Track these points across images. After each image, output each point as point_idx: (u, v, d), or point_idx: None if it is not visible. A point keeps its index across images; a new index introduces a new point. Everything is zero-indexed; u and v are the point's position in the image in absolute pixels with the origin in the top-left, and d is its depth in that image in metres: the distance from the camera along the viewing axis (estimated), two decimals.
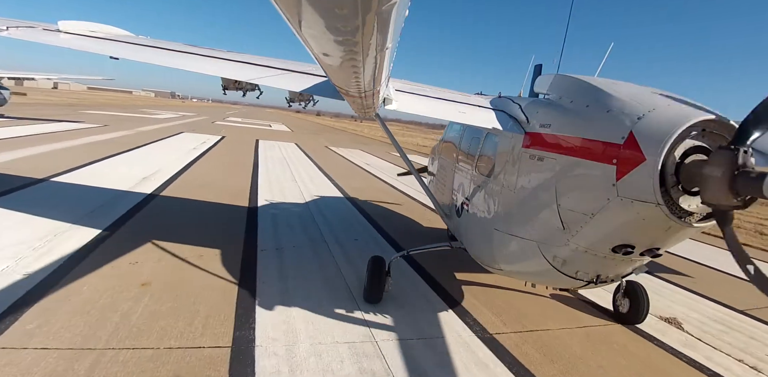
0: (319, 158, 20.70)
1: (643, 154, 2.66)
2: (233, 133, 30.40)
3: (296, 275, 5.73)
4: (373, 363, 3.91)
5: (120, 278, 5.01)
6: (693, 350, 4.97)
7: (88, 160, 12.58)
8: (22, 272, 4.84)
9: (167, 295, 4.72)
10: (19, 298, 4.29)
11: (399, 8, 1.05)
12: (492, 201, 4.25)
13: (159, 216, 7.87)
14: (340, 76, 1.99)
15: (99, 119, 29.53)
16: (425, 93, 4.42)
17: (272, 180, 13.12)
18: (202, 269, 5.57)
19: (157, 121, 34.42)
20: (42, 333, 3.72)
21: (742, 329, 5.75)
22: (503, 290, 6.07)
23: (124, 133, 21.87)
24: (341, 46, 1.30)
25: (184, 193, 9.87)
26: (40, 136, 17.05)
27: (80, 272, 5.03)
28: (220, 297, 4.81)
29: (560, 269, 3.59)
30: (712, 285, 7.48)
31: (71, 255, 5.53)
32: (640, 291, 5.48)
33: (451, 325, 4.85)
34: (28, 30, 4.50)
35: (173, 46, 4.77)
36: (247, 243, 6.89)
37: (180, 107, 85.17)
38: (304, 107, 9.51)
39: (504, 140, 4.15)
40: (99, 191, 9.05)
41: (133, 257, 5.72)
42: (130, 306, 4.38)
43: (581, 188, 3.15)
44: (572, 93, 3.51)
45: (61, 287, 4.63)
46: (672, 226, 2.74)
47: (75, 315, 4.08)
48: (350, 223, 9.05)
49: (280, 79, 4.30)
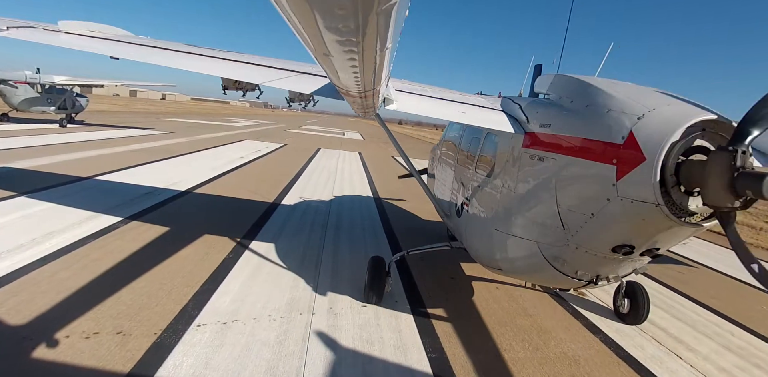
0: (376, 170, 18.44)
1: (643, 154, 2.66)
2: (298, 140, 30.18)
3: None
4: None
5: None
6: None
7: (115, 167, 11.92)
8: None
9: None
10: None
11: (399, 8, 1.05)
12: (492, 201, 4.25)
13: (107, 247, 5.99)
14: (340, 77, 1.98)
15: (172, 126, 30.12)
16: (425, 93, 4.42)
17: (301, 201, 10.61)
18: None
19: (230, 128, 34.98)
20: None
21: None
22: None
23: (184, 140, 21.88)
24: (341, 46, 1.30)
25: (170, 217, 7.76)
26: (102, 141, 17.78)
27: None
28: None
29: (560, 269, 3.59)
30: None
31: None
32: (640, 291, 5.48)
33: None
34: (28, 30, 4.51)
35: (173, 46, 4.77)
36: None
37: (267, 115, 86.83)
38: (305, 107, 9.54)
39: (504, 140, 4.15)
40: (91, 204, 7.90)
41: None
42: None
43: (581, 188, 3.15)
44: (572, 93, 3.51)
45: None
46: (672, 226, 2.74)
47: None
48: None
49: (281, 79, 4.30)
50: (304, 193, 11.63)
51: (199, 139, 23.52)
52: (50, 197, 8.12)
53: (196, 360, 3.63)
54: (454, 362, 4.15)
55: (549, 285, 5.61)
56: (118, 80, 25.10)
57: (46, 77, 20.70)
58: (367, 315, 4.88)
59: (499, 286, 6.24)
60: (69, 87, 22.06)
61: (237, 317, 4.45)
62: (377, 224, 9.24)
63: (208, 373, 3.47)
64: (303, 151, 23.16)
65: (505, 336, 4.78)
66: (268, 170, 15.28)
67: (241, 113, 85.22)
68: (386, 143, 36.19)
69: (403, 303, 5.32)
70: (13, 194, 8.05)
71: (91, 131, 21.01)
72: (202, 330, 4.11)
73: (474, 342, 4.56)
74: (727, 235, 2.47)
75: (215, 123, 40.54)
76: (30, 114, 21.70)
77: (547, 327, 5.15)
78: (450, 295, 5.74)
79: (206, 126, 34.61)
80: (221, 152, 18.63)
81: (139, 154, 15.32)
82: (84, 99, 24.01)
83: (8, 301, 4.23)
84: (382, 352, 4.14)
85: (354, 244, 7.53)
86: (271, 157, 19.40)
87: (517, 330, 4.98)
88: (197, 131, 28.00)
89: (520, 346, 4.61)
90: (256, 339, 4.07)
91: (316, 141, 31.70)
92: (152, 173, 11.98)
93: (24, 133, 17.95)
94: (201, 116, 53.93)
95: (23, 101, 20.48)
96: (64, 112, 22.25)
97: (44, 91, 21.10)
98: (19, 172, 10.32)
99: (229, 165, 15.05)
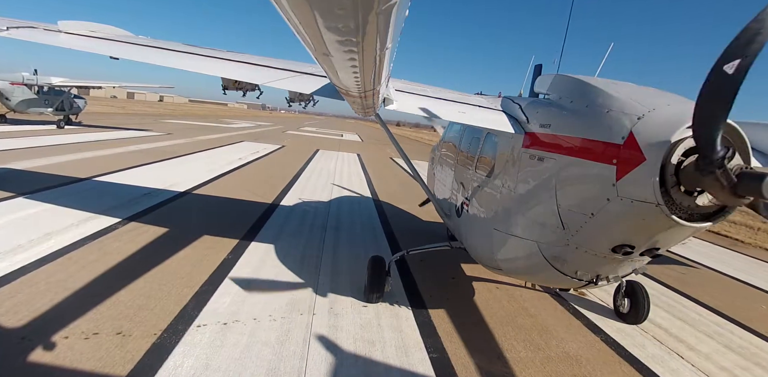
0: (374, 172, 18.24)
1: (643, 154, 2.65)
2: (296, 142, 30.01)
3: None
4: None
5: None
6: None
7: (113, 168, 11.91)
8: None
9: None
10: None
11: (399, 8, 1.05)
12: (492, 201, 4.25)
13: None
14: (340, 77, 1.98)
15: (170, 127, 29.98)
16: (425, 93, 4.42)
17: (300, 202, 10.55)
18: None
19: (227, 130, 34.84)
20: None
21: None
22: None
23: (182, 141, 21.79)
24: (341, 46, 1.30)
25: (169, 218, 7.74)
26: (100, 142, 17.75)
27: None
28: None
29: (560, 269, 3.59)
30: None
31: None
32: (641, 290, 5.48)
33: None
34: (28, 30, 4.50)
35: (173, 46, 4.77)
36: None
37: (264, 117, 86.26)
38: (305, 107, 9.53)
39: (504, 140, 4.15)
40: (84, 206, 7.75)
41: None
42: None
43: (581, 188, 3.15)
44: (572, 93, 3.50)
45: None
46: (672, 226, 2.74)
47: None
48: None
49: (281, 79, 4.30)
50: (303, 194, 11.59)
51: (198, 140, 23.46)
52: (48, 198, 8.10)
53: (196, 360, 3.62)
54: (455, 362, 4.14)
55: (549, 285, 5.61)
56: (116, 82, 25.09)
57: (43, 79, 20.66)
58: (368, 315, 4.87)
59: (499, 286, 6.24)
60: (66, 88, 22.03)
61: (237, 317, 4.44)
62: (377, 224, 9.23)
63: (208, 374, 3.46)
64: (301, 152, 23.08)
65: (507, 336, 4.78)
66: (266, 171, 15.23)
67: (239, 115, 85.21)
68: (385, 144, 36.24)
69: (404, 303, 5.31)
70: (11, 195, 8.03)
71: (89, 133, 20.98)
72: (202, 331, 4.10)
73: (475, 342, 4.56)
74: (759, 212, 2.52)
75: (213, 125, 40.44)
76: (27, 115, 21.69)
77: (548, 326, 5.15)
78: (451, 295, 5.73)
79: (204, 128, 34.53)
80: (220, 154, 18.57)
81: (137, 155, 15.29)
82: (82, 100, 24.01)
83: (6, 302, 4.21)
84: (383, 352, 4.14)
85: (353, 244, 7.52)
86: (270, 158, 19.32)
87: (519, 329, 4.98)
88: (195, 133, 27.94)
89: (522, 346, 4.60)
90: (257, 340, 4.06)
91: (315, 142, 31.61)
92: (151, 174, 11.96)
93: (21, 134, 17.95)
94: (199, 117, 53.88)
95: (20, 102, 20.42)
96: (61, 113, 22.24)
97: (42, 93, 21.06)
98: (17, 173, 10.31)
99: (227, 166, 15.01)
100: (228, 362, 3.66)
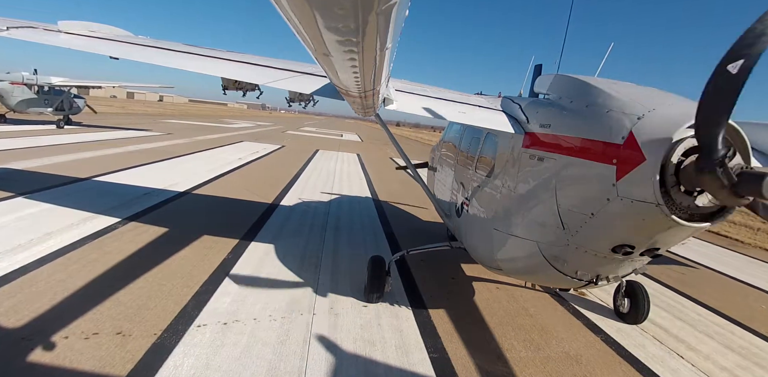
0: (374, 172, 18.12)
1: (643, 154, 2.65)
2: (296, 142, 29.90)
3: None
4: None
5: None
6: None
7: (113, 168, 11.88)
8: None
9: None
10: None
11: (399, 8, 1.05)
12: (492, 201, 4.25)
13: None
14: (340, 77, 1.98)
15: (170, 127, 29.97)
16: (425, 93, 4.42)
17: (300, 202, 10.47)
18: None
19: (227, 130, 34.82)
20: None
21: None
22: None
23: (182, 141, 21.77)
24: (341, 46, 1.30)
25: (169, 218, 7.71)
26: (100, 142, 17.78)
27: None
28: None
29: (560, 269, 3.59)
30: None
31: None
32: (640, 290, 5.48)
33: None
34: (28, 30, 4.50)
35: (173, 46, 4.77)
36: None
37: (265, 117, 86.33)
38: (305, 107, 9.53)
39: (504, 140, 4.15)
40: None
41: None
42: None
43: (581, 188, 3.15)
44: (572, 93, 3.50)
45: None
46: (672, 226, 2.74)
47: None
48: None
49: (281, 79, 4.30)
50: (303, 194, 11.59)
51: (198, 140, 23.45)
52: (48, 198, 8.10)
53: (196, 360, 3.62)
54: (456, 362, 4.14)
55: (549, 285, 5.61)
56: (116, 82, 25.11)
57: (43, 78, 20.66)
58: (369, 315, 4.87)
59: (499, 286, 6.24)
60: (66, 88, 22.04)
61: (237, 317, 4.44)
62: (376, 224, 9.23)
63: (209, 374, 3.46)
64: (301, 152, 23.06)
65: (507, 336, 4.78)
66: (266, 171, 15.22)
67: (239, 115, 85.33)
68: (384, 144, 36.21)
69: (404, 303, 5.31)
70: (10, 195, 8.03)
71: (89, 133, 20.99)
72: (202, 331, 4.10)
73: (475, 342, 4.56)
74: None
75: (213, 125, 40.47)
76: (27, 115, 21.68)
77: (548, 326, 5.15)
78: (451, 295, 5.73)
79: (204, 128, 34.53)
80: (219, 153, 18.55)
81: (137, 155, 15.28)
82: (81, 100, 24.01)
83: (6, 302, 4.21)
84: (383, 352, 4.14)
85: (353, 244, 7.52)
86: (270, 158, 19.31)
87: (519, 329, 4.98)
88: (195, 133, 27.94)
89: (522, 346, 4.60)
90: (257, 340, 4.06)
91: (315, 142, 31.58)
92: (151, 173, 11.95)
93: (21, 134, 17.95)
94: (199, 117, 53.86)
95: (20, 102, 20.43)
96: (61, 113, 22.24)
97: (41, 93, 21.07)
98: (17, 172, 10.31)
99: (227, 166, 15.00)
100: (228, 362, 3.66)
